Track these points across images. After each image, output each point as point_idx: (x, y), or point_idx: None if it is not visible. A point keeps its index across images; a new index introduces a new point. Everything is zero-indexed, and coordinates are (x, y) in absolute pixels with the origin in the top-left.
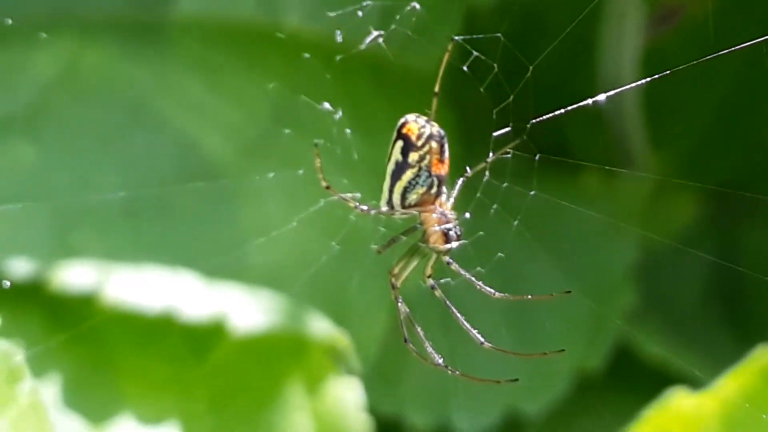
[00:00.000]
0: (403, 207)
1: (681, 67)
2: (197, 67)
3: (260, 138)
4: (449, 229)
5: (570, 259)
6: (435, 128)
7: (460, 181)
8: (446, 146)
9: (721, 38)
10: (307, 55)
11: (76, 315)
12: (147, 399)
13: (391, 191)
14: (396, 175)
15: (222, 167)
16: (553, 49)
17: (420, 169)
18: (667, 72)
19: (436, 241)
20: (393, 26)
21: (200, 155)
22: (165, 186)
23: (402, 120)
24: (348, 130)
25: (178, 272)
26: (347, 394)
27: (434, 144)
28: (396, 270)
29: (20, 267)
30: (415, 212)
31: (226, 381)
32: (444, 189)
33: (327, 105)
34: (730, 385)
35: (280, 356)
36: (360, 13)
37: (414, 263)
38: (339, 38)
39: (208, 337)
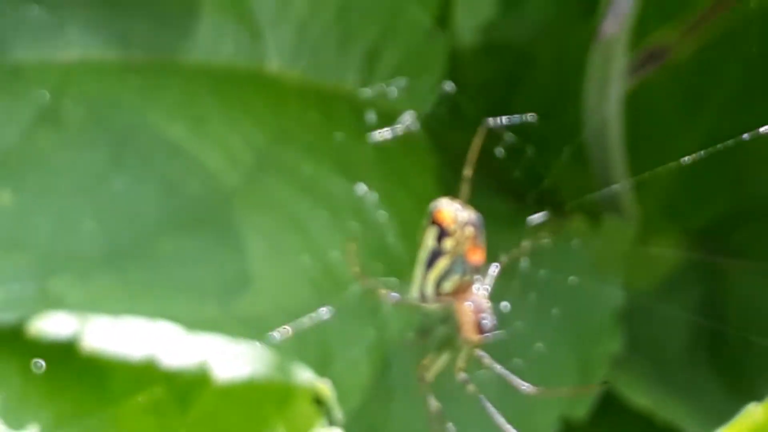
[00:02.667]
0: (437, 296)
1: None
2: (180, 110)
3: (244, 183)
4: (483, 319)
5: (556, 304)
6: (470, 213)
7: (494, 268)
8: (482, 232)
9: (705, 78)
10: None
11: (57, 364)
12: None
13: (424, 280)
14: (430, 264)
15: (205, 212)
16: (540, 90)
17: (455, 255)
18: None
19: (468, 331)
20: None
21: (183, 200)
22: (147, 231)
23: (435, 205)
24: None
25: (160, 320)
26: None
27: (470, 230)
28: (426, 361)
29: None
30: (448, 301)
31: (209, 430)
32: (479, 276)
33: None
34: None
35: (263, 406)
36: None
37: (446, 355)
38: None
39: (191, 386)
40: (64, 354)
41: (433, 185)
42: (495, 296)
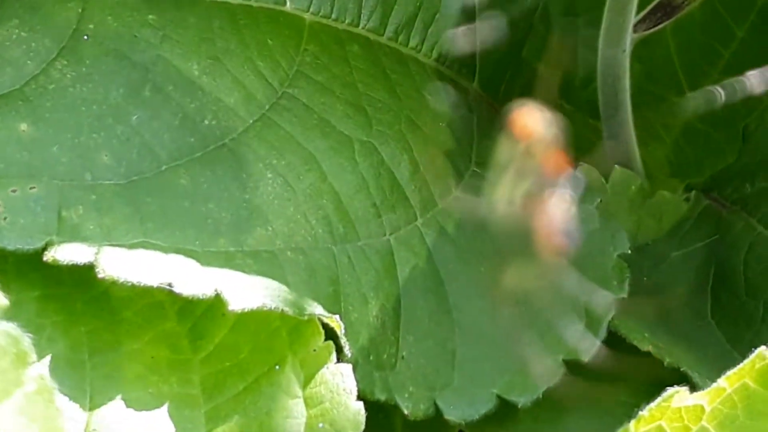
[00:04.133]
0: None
1: None
2: (196, 48)
3: (259, 121)
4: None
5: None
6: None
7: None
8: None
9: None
10: None
11: (73, 293)
12: (144, 382)
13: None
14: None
15: (221, 148)
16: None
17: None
18: None
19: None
20: None
21: (199, 135)
22: (162, 165)
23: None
24: None
25: (176, 251)
26: (340, 381)
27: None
28: None
29: (18, 244)
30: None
31: (220, 366)
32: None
33: None
34: (729, 384)
35: (275, 340)
36: None
37: None
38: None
39: (202, 320)
40: (80, 284)
41: (446, 128)
42: None
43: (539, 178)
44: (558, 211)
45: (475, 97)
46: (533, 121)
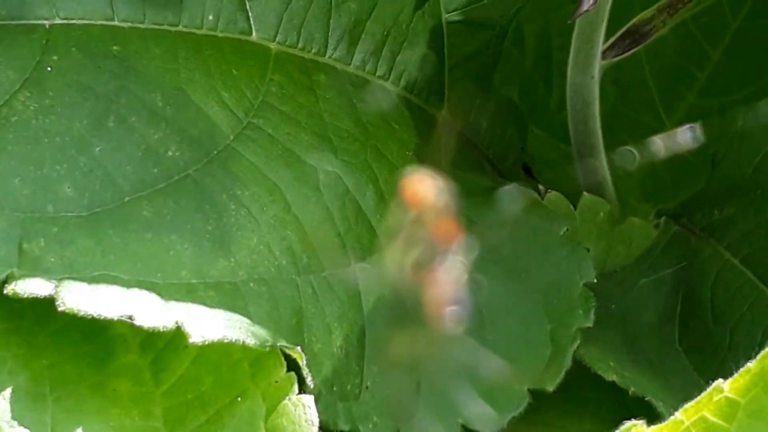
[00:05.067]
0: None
1: None
2: (161, 80)
3: (224, 151)
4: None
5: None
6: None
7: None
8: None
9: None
10: None
11: (35, 326)
12: (106, 415)
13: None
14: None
15: (184, 179)
16: (522, 66)
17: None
18: None
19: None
20: None
21: (163, 166)
22: (126, 197)
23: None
24: None
25: (137, 284)
26: (302, 412)
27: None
28: None
29: None
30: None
31: (183, 398)
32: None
33: None
34: (687, 417)
35: (237, 372)
36: None
37: None
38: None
39: (165, 353)
40: (41, 317)
41: (413, 158)
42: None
43: (430, 246)
44: (448, 278)
45: (444, 124)
46: (424, 188)
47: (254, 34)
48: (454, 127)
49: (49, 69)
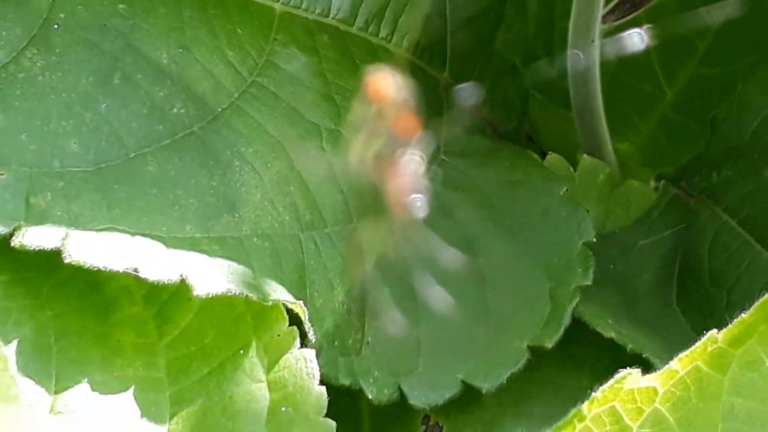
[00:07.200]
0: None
1: None
2: (166, 38)
3: (228, 109)
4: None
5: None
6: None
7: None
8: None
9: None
10: None
11: (40, 278)
12: (110, 366)
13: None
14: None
15: (189, 135)
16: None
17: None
18: None
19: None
20: None
21: (168, 122)
22: (131, 153)
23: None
24: None
25: (142, 237)
26: (303, 366)
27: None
28: None
29: None
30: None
31: (186, 350)
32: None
33: None
34: (681, 367)
35: (240, 325)
36: None
37: None
38: None
39: (168, 305)
40: (47, 269)
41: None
42: None
43: (391, 139)
44: (408, 169)
45: (446, 86)
46: (385, 84)
47: None
48: (456, 89)
49: (55, 26)
